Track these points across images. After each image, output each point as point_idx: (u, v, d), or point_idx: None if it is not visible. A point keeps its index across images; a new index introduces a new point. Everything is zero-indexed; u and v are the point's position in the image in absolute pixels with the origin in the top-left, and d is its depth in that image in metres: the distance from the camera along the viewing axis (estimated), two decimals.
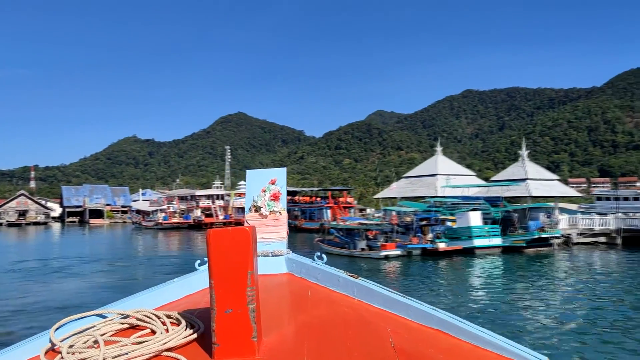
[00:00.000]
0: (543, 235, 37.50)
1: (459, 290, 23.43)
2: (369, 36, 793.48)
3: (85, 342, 2.12)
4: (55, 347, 2.12)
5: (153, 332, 2.24)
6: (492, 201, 41.28)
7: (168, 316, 2.39)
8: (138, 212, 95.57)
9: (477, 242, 35.74)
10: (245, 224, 3.50)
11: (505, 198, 42.98)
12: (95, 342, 2.08)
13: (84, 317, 2.39)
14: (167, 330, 2.23)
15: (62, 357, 2.00)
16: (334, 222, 47.12)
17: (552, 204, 43.82)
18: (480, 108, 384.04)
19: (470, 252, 35.18)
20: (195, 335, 2.23)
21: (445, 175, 49.40)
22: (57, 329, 2.26)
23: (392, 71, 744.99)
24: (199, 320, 2.36)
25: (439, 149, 55.80)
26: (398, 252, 34.60)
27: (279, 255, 3.66)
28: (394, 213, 45.00)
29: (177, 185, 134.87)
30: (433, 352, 2.14)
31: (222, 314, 2.01)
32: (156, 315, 2.37)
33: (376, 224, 40.95)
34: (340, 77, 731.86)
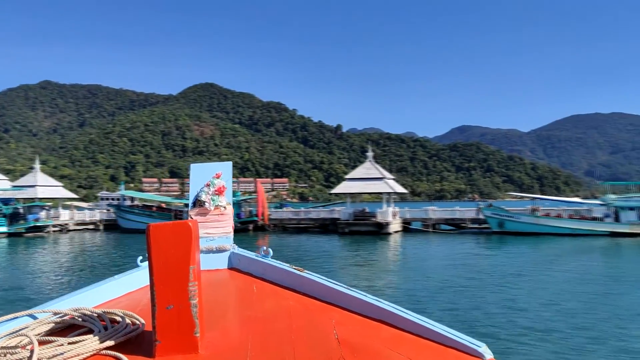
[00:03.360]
0: (39, 224, 55.17)
1: None
2: None
3: (17, 344, 1.95)
4: None
5: (91, 330, 2.14)
6: (5, 201, 56.52)
7: (107, 314, 2.28)
8: None
9: None
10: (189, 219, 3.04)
11: (18, 199, 59.01)
12: (29, 343, 1.89)
13: (16, 317, 2.23)
14: (106, 329, 2.14)
15: None
16: None
17: (50, 203, 61.64)
18: (60, 102, 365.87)
19: None
20: (135, 333, 2.17)
21: None
22: None
23: None
24: (140, 318, 2.28)
25: None
26: None
27: (224, 251, 3.63)
28: None
29: None
30: (376, 343, 2.15)
31: (163, 310, 1.96)
32: (94, 314, 2.27)
33: None
34: None
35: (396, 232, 50.02)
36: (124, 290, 2.97)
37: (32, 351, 1.82)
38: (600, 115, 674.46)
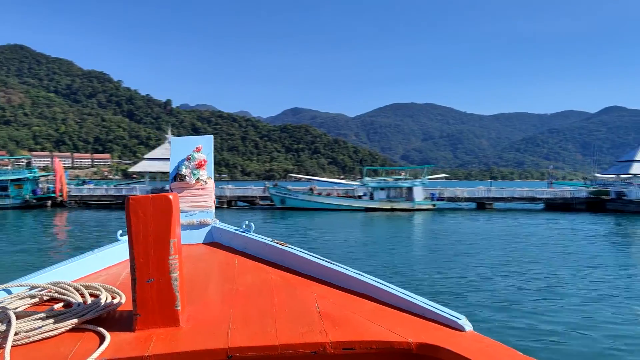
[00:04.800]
0: None
1: None
2: None
3: None
4: None
5: (70, 305, 2.12)
6: None
7: (87, 287, 2.28)
8: None
9: None
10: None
11: None
12: (6, 317, 1.88)
13: None
14: (85, 303, 2.13)
15: None
16: None
17: None
18: None
19: None
20: (115, 307, 2.16)
21: None
22: None
23: None
24: (120, 291, 2.28)
25: None
26: None
27: (206, 225, 3.62)
28: None
29: None
30: (357, 315, 2.18)
31: (144, 283, 1.95)
32: (74, 288, 2.26)
33: None
34: None
35: None
36: (104, 264, 2.95)
37: (9, 324, 1.82)
38: (416, 105, 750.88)
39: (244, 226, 3.42)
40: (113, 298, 2.24)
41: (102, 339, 1.87)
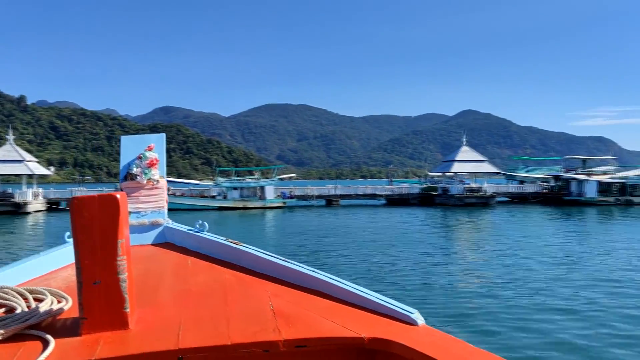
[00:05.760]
0: None
1: None
2: None
3: None
4: None
5: (13, 310, 2.05)
6: None
7: (31, 292, 2.20)
8: None
9: None
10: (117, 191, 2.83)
11: None
12: None
13: None
14: (29, 307, 2.06)
15: None
16: None
17: None
18: None
19: None
20: (62, 311, 2.10)
21: None
22: None
23: None
24: (66, 295, 2.23)
25: None
26: None
27: (158, 225, 3.55)
28: None
29: None
30: (311, 312, 2.19)
31: (90, 285, 1.89)
32: (17, 292, 2.18)
33: None
34: None
35: (37, 211, 50.95)
36: (50, 267, 2.86)
37: None
38: (290, 106, 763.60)
39: (197, 226, 3.38)
40: (59, 302, 2.19)
41: (45, 344, 1.80)
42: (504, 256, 20.33)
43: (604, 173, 58.99)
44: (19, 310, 2.03)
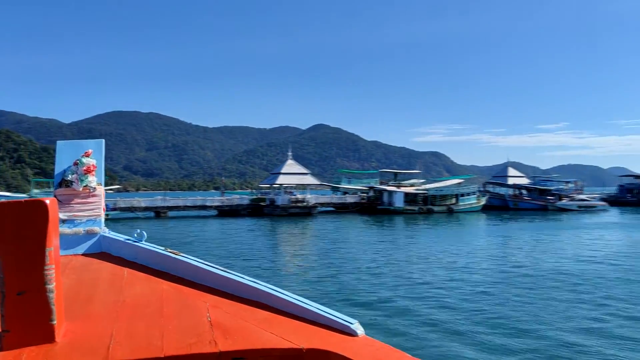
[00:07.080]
0: None
1: None
2: None
3: None
4: None
5: None
6: None
7: None
8: None
9: None
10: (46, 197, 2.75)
11: None
12: None
13: None
14: None
15: None
16: None
17: None
18: None
19: None
20: None
21: None
22: None
23: None
24: None
25: None
26: None
27: (94, 234, 3.41)
28: None
29: None
30: (250, 324, 2.15)
31: (14, 296, 1.78)
32: None
33: None
34: None
35: None
36: None
37: None
38: (140, 114, 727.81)
39: (135, 235, 3.28)
40: None
41: None
42: (323, 259, 23.93)
43: (411, 185, 67.01)
44: None
